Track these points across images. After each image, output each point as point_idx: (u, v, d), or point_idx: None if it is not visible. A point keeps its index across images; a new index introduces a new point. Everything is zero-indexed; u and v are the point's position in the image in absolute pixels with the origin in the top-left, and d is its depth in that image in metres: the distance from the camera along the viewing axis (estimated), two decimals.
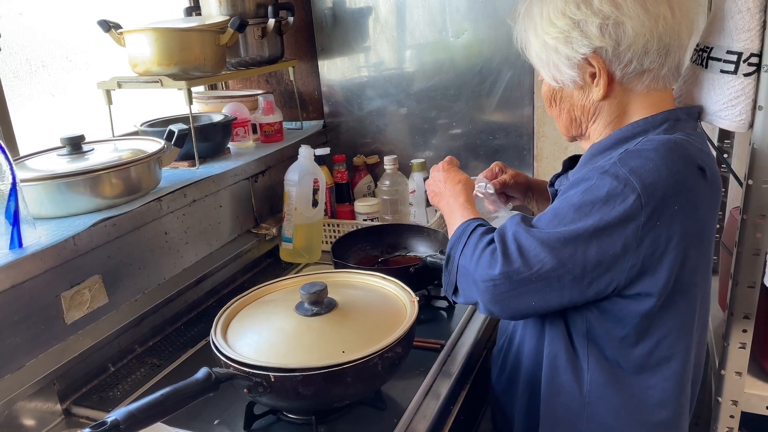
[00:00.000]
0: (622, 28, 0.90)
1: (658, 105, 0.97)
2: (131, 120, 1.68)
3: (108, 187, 1.26)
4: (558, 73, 0.99)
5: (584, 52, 0.94)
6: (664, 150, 0.89)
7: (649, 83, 0.95)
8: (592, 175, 0.91)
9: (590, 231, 0.88)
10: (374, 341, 0.99)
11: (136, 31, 1.47)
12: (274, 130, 1.82)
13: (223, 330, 1.07)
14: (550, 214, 0.94)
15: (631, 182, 0.86)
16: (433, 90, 1.84)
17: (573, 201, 0.91)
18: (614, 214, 0.87)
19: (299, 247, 1.66)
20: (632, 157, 0.89)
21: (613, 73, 0.95)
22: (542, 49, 0.99)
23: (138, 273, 1.32)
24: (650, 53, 0.92)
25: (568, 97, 1.02)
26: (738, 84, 1.02)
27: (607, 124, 1.00)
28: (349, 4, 1.87)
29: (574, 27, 0.93)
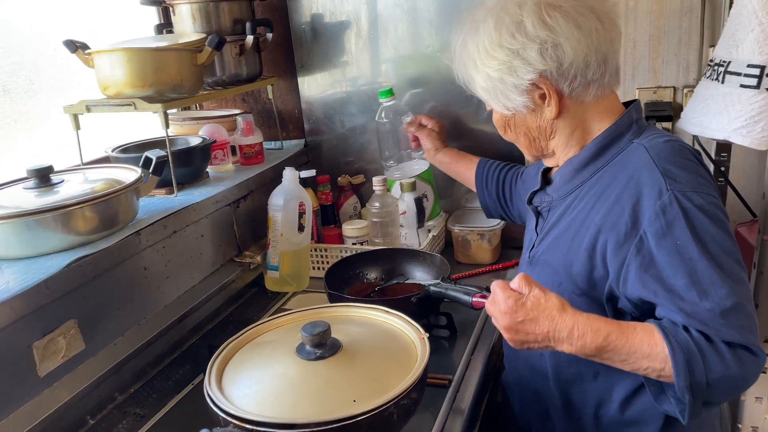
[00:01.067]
0: (561, 49, 0.95)
1: (611, 108, 1.03)
2: (99, 144, 1.57)
3: (82, 223, 1.16)
4: (507, 101, 1.02)
5: (530, 78, 0.97)
6: (680, 153, 0.94)
7: (595, 92, 0.99)
8: (662, 222, 0.89)
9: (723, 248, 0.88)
10: (386, 387, 0.91)
11: (106, 51, 1.37)
12: (254, 151, 1.73)
13: (217, 379, 0.97)
14: (690, 286, 0.87)
15: (705, 190, 0.89)
16: (419, 105, 1.78)
17: (687, 255, 0.87)
18: (718, 223, 0.88)
19: (286, 275, 1.57)
20: (670, 178, 0.90)
21: (562, 91, 0.98)
22: (487, 81, 1.02)
23: (116, 314, 1.22)
24: (591, 65, 0.96)
25: (522, 121, 1.06)
26: (762, 99, 0.99)
27: (569, 137, 1.04)
28: (328, 18, 1.80)
29: (514, 56, 0.97)
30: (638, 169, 0.95)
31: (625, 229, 0.92)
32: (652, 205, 0.89)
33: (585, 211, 1.01)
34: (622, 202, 0.94)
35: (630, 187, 0.94)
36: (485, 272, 1.65)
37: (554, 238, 1.07)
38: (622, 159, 1.00)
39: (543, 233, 1.11)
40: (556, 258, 1.05)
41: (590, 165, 1.03)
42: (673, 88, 1.57)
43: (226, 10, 1.65)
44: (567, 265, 1.01)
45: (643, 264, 0.89)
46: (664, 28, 1.53)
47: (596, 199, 1.00)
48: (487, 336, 1.32)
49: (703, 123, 1.07)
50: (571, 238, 1.02)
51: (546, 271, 1.06)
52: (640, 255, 0.90)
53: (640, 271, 0.90)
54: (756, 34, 0.97)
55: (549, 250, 1.08)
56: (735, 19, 1.00)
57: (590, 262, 0.98)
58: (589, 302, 0.99)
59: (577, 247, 1.00)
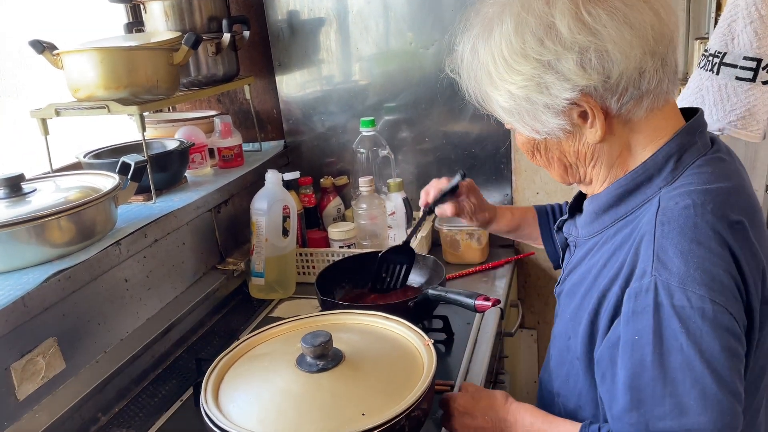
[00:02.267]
0: (608, 57, 0.73)
1: (663, 126, 0.81)
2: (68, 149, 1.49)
3: (59, 234, 1.08)
4: (538, 124, 0.80)
5: (567, 96, 0.75)
6: (693, 229, 0.73)
7: (649, 105, 0.78)
8: (631, 306, 0.74)
9: None
10: (394, 397, 0.87)
11: (76, 51, 1.29)
12: (233, 154, 1.67)
13: (214, 395, 0.92)
14: (628, 388, 0.74)
15: (697, 290, 0.70)
16: (403, 104, 1.74)
17: (638, 355, 0.73)
18: (697, 333, 0.70)
19: (272, 282, 1.52)
20: (661, 261, 0.73)
21: (608, 108, 0.77)
22: (509, 101, 0.80)
23: (97, 330, 1.15)
24: (647, 73, 0.75)
25: (556, 146, 0.84)
26: (757, 92, 0.98)
27: (611, 166, 0.84)
28: (307, 15, 1.74)
29: (545, 69, 0.75)
30: (641, 235, 0.77)
31: (616, 301, 0.78)
32: (633, 282, 0.75)
33: (597, 268, 0.85)
34: (623, 270, 0.78)
35: (631, 255, 0.78)
36: (475, 272, 1.62)
37: (573, 285, 0.92)
38: (643, 214, 0.80)
39: (567, 270, 0.96)
40: (569, 310, 0.90)
41: (611, 211, 0.85)
42: None
43: (201, 7, 1.59)
44: (575, 324, 0.87)
45: (612, 338, 0.78)
46: None
47: (608, 258, 0.83)
48: (485, 338, 1.29)
49: None
50: (582, 295, 0.87)
51: (564, 317, 0.93)
52: (615, 329, 0.77)
53: (606, 345, 0.79)
54: (754, 26, 0.96)
55: (567, 297, 0.93)
56: (732, 10, 0.99)
57: (591, 329, 0.83)
58: (586, 369, 0.86)
59: (585, 309, 0.84)
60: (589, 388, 0.87)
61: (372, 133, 1.65)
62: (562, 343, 0.93)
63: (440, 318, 1.31)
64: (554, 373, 0.97)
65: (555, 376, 0.96)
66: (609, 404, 0.78)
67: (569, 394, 0.93)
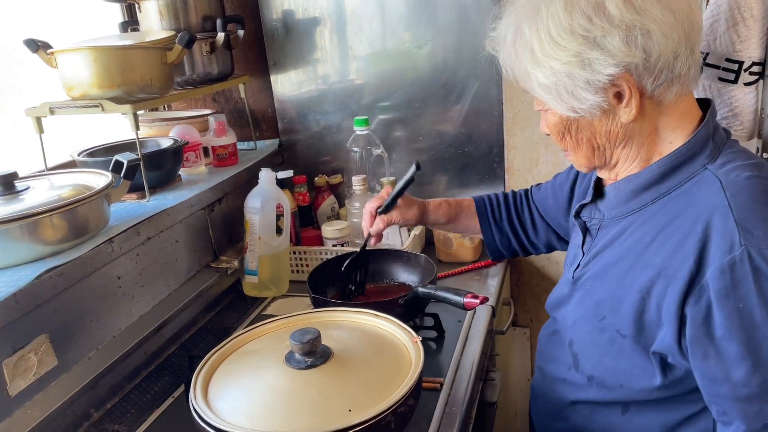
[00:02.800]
0: (651, 37, 0.78)
1: (688, 112, 0.87)
2: (63, 148, 1.49)
3: (51, 232, 1.09)
4: (576, 101, 0.84)
5: (610, 72, 0.80)
6: (763, 196, 0.79)
7: (678, 90, 0.83)
8: (728, 280, 0.77)
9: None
10: (382, 394, 0.88)
11: (70, 50, 1.30)
12: (227, 152, 1.68)
13: (203, 392, 0.93)
14: (744, 355, 0.77)
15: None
16: (397, 103, 1.75)
17: (748, 319, 0.76)
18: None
19: (265, 280, 1.53)
20: (746, 230, 0.77)
21: (644, 88, 0.82)
22: (550, 77, 0.84)
23: (90, 327, 1.16)
24: (680, 57, 0.80)
25: (587, 126, 0.88)
26: (739, 93, 0.99)
27: (641, 147, 0.88)
28: (301, 15, 1.75)
29: (592, 45, 0.79)
30: (710, 210, 0.81)
31: (689, 278, 0.80)
32: (719, 259, 0.77)
33: (643, 243, 0.88)
34: (688, 246, 0.81)
35: (697, 230, 0.80)
36: (467, 270, 1.63)
37: (604, 266, 0.95)
38: (692, 189, 0.85)
39: (591, 254, 0.98)
40: (603, 290, 0.93)
41: (653, 188, 0.89)
42: None
43: (195, 7, 1.59)
44: (615, 302, 0.90)
45: (698, 318, 0.80)
46: None
47: (657, 232, 0.86)
48: (475, 335, 1.30)
49: None
50: (623, 271, 0.90)
51: (590, 300, 0.96)
52: (697, 307, 0.80)
53: (693, 326, 0.80)
54: (736, 29, 0.97)
55: (596, 278, 0.96)
56: (714, 11, 0.99)
57: (642, 305, 0.86)
58: (633, 346, 0.90)
59: (630, 284, 0.88)
60: (633, 363, 0.90)
61: (366, 132, 1.66)
62: (591, 325, 0.94)
63: (431, 316, 1.31)
64: (582, 356, 0.98)
65: (584, 360, 0.98)
66: (723, 377, 0.79)
67: (607, 374, 0.94)
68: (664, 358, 0.87)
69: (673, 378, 0.87)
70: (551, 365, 1.07)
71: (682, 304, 0.81)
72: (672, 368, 0.87)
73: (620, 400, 0.94)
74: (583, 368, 0.99)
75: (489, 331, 1.38)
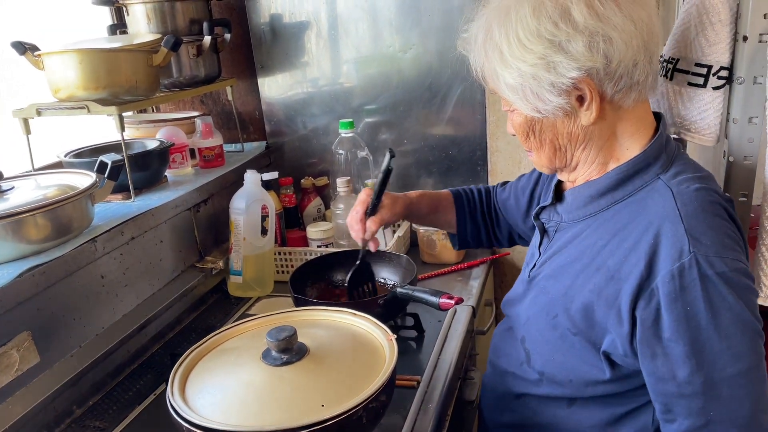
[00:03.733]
0: (612, 43, 0.81)
1: (643, 118, 0.92)
2: (52, 149, 1.51)
3: (34, 231, 1.11)
4: (540, 102, 0.87)
5: (573, 75, 0.83)
6: (710, 207, 0.84)
7: (636, 96, 0.87)
8: (677, 284, 0.81)
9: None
10: (354, 390, 0.90)
11: (56, 53, 1.32)
12: (214, 154, 1.70)
13: (180, 388, 0.94)
14: (690, 355, 0.81)
15: (730, 255, 0.81)
16: (382, 106, 1.77)
17: (694, 322, 0.80)
18: (739, 292, 0.81)
19: (250, 280, 1.55)
20: (695, 238, 0.81)
21: (604, 93, 0.86)
22: (517, 78, 0.87)
23: (73, 324, 1.17)
24: (639, 65, 0.84)
25: (551, 127, 0.91)
26: (707, 97, 1.01)
27: (600, 149, 0.92)
28: (288, 18, 1.77)
29: (557, 49, 0.83)
30: (661, 218, 0.84)
31: (639, 282, 0.83)
32: (669, 264, 0.81)
33: (597, 247, 0.91)
34: (639, 250, 0.84)
35: (649, 236, 0.84)
36: (451, 271, 1.65)
37: (558, 266, 0.98)
38: (646, 197, 0.89)
39: (546, 255, 1.02)
40: (556, 288, 0.97)
41: (609, 194, 0.93)
42: None
43: (182, 10, 1.61)
44: (567, 300, 0.94)
45: (647, 320, 0.83)
46: None
47: (611, 237, 0.90)
48: (455, 335, 1.32)
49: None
50: (577, 272, 0.93)
51: (543, 298, 1.00)
52: (647, 310, 0.83)
53: (643, 327, 0.84)
54: (705, 34, 0.99)
55: (551, 278, 0.99)
56: (685, 18, 1.02)
57: (593, 305, 0.89)
58: (583, 343, 0.93)
59: (582, 284, 0.91)
60: (582, 359, 0.94)
61: (351, 135, 1.68)
62: (543, 323, 0.98)
63: (411, 316, 1.34)
64: (533, 352, 1.01)
65: (536, 356, 1.01)
66: (669, 376, 0.83)
67: (558, 369, 0.98)
68: (612, 356, 0.90)
69: (620, 374, 0.91)
70: (502, 359, 1.10)
71: (632, 306, 0.84)
72: (620, 366, 0.90)
73: (568, 395, 0.98)
74: (534, 364, 1.02)
75: (469, 331, 1.40)
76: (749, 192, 1.02)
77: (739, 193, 1.02)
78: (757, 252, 1.00)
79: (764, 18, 0.94)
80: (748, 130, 0.99)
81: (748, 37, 0.96)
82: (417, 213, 1.31)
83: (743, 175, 1.01)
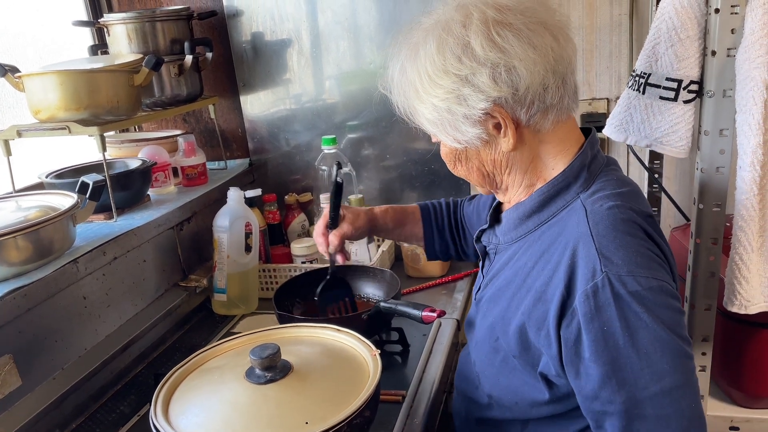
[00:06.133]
0: (516, 72, 0.83)
1: (567, 138, 0.92)
2: (33, 170, 1.51)
3: (15, 253, 1.11)
4: (458, 133, 0.89)
5: (483, 107, 0.85)
6: (621, 225, 0.83)
7: (554, 118, 0.88)
8: (591, 305, 0.80)
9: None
10: (339, 406, 0.90)
11: (37, 74, 1.32)
12: (197, 172, 1.70)
13: (164, 408, 0.94)
14: (609, 374, 0.80)
15: (643, 273, 0.80)
16: (365, 122, 1.79)
17: (612, 342, 0.79)
18: (656, 310, 0.80)
19: (234, 298, 1.55)
20: (606, 257, 0.81)
21: (518, 119, 0.87)
22: (433, 113, 0.89)
23: (55, 346, 1.17)
24: (549, 89, 0.85)
25: (475, 155, 0.93)
26: (678, 110, 1.04)
27: (525, 172, 0.93)
28: (269, 37, 1.79)
29: (463, 83, 0.84)
30: (576, 238, 0.85)
31: (561, 302, 0.83)
32: (584, 285, 0.81)
33: (527, 268, 0.92)
34: (560, 272, 0.85)
35: (566, 257, 0.85)
36: (435, 285, 1.66)
37: (497, 289, 0.99)
38: (565, 217, 0.90)
39: (488, 277, 1.03)
40: (495, 312, 0.97)
41: (534, 216, 0.94)
42: (607, 99, 1.63)
43: (163, 30, 1.63)
44: (505, 324, 0.94)
45: (570, 340, 0.83)
46: (595, 42, 1.59)
47: (537, 258, 0.91)
48: (439, 349, 1.33)
49: (627, 130, 1.11)
50: (511, 295, 0.94)
51: (486, 322, 1.00)
52: (569, 330, 0.83)
53: (566, 347, 0.84)
54: (676, 49, 1.02)
55: (491, 301, 1.00)
56: (655, 34, 1.04)
57: (525, 328, 0.89)
58: (523, 365, 0.93)
59: (516, 307, 0.92)
60: (524, 381, 0.94)
61: (333, 151, 1.69)
62: (488, 347, 0.98)
63: (396, 330, 1.34)
64: (482, 376, 1.02)
65: (484, 379, 1.01)
66: (593, 395, 0.83)
67: (503, 392, 0.98)
68: (548, 377, 0.90)
69: (559, 394, 0.90)
70: (462, 383, 1.10)
71: (558, 326, 0.84)
72: (557, 386, 0.90)
73: (518, 417, 0.97)
74: (483, 387, 1.02)
75: (454, 344, 1.40)
76: (722, 202, 1.04)
77: (712, 203, 1.04)
78: (731, 261, 1.02)
79: (731, 33, 0.97)
80: (719, 141, 1.01)
81: (716, 52, 0.98)
82: (383, 227, 1.32)
83: (716, 185, 1.03)
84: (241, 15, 1.78)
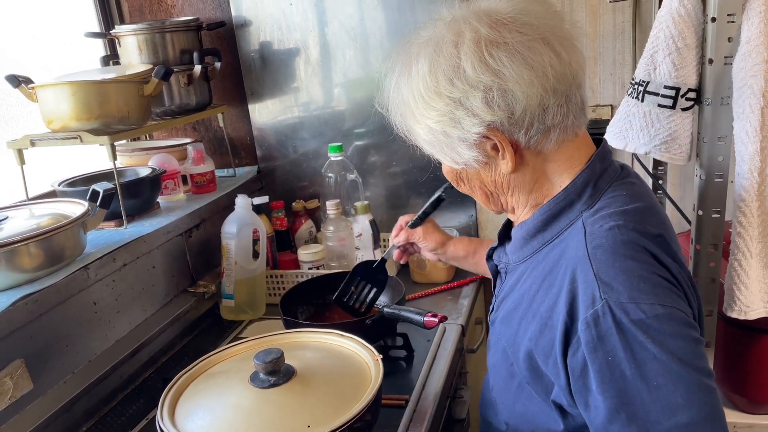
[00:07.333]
0: (510, 95, 0.78)
1: (575, 156, 0.86)
2: (46, 178, 1.55)
3: (27, 260, 1.14)
4: (456, 155, 0.86)
5: (477, 131, 0.81)
6: (622, 248, 0.77)
7: (557, 138, 0.83)
8: (593, 333, 0.75)
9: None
10: (341, 410, 0.92)
11: (49, 85, 1.36)
12: (206, 180, 1.73)
13: (170, 412, 0.97)
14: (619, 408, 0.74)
15: (646, 300, 0.74)
16: (371, 129, 1.81)
17: (618, 372, 0.74)
18: (662, 339, 0.73)
19: (242, 303, 1.57)
20: (605, 283, 0.75)
21: (517, 141, 0.83)
22: (429, 134, 0.86)
23: (66, 351, 1.19)
24: (550, 109, 0.80)
25: (476, 175, 0.90)
26: (677, 118, 1.05)
27: (529, 193, 0.89)
28: (277, 46, 1.82)
29: (456, 106, 0.81)
30: (575, 262, 0.80)
31: (565, 330, 0.78)
32: (584, 312, 0.76)
33: (532, 291, 0.87)
34: (562, 297, 0.80)
35: (567, 280, 0.80)
36: (441, 291, 1.67)
37: (507, 311, 0.94)
38: (567, 237, 0.85)
39: (500, 298, 0.98)
40: (507, 336, 0.92)
41: (538, 235, 0.89)
42: (611, 106, 1.64)
43: (173, 41, 1.66)
44: (515, 349, 0.89)
45: (576, 370, 0.78)
46: (599, 49, 1.60)
47: (542, 281, 0.86)
48: (443, 354, 1.34)
49: (627, 137, 1.11)
50: (519, 319, 0.89)
51: (500, 345, 0.95)
52: (575, 359, 0.78)
53: (573, 377, 0.79)
54: (672, 58, 1.03)
55: (502, 323, 0.95)
56: (654, 42, 1.05)
57: (534, 354, 0.84)
58: (537, 391, 0.88)
59: (523, 332, 0.87)
60: (539, 409, 0.89)
61: (340, 158, 1.72)
62: (504, 371, 0.94)
63: (401, 335, 1.36)
64: (499, 402, 0.98)
65: (501, 406, 0.98)
66: (603, 427, 0.77)
67: (519, 420, 0.94)
68: (562, 406, 0.85)
69: (574, 424, 0.85)
70: (483, 409, 1.07)
71: (564, 355, 0.79)
72: (572, 415, 0.85)
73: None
74: (500, 414, 0.98)
75: (459, 349, 1.42)
76: (722, 208, 1.04)
77: (711, 209, 1.05)
78: (730, 267, 1.03)
79: (728, 41, 0.98)
80: (717, 148, 1.02)
81: (713, 60, 0.99)
82: (452, 254, 1.32)
83: (715, 192, 1.04)
84: (249, 25, 1.81)
